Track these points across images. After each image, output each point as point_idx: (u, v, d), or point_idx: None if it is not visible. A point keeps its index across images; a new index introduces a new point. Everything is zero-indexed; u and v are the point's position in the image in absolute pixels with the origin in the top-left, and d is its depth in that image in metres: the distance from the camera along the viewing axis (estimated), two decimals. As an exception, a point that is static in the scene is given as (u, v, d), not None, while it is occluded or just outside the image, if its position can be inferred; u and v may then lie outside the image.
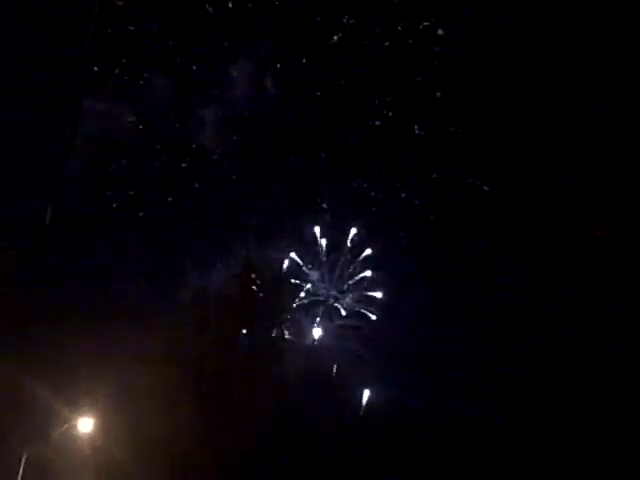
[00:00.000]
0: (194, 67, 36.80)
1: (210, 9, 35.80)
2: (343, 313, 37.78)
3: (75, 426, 28.49)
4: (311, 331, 37.05)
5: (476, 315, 35.49)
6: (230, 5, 36.46)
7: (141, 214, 35.29)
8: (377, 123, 38.02)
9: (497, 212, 36.91)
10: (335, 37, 37.65)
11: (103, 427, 28.89)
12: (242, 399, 31.83)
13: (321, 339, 37.14)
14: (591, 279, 35.64)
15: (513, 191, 36.77)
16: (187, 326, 32.58)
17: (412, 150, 37.84)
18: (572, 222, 36.61)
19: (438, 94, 37.32)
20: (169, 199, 35.87)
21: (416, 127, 37.83)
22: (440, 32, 36.45)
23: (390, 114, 38.03)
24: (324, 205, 37.45)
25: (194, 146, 36.40)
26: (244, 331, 34.96)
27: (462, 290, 35.56)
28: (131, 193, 35.21)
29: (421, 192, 37.36)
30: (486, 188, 36.99)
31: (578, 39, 34.84)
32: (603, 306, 35.72)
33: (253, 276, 35.91)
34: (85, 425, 28.67)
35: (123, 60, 34.09)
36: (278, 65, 37.76)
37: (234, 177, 36.97)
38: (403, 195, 37.53)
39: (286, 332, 35.84)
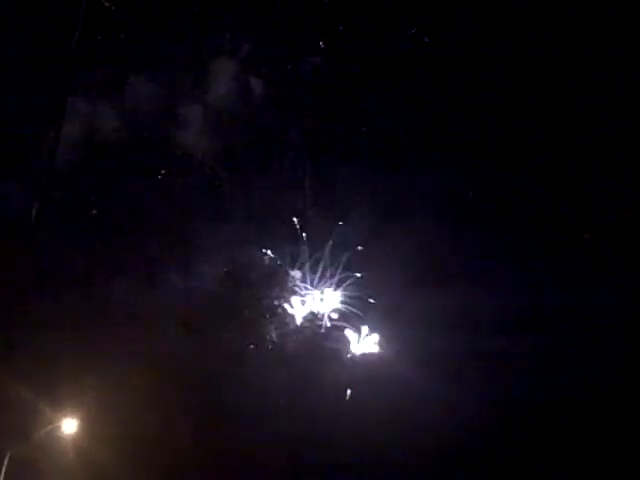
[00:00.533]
0: (177, 68, 36.73)
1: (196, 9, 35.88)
2: (325, 313, 37.71)
3: (59, 427, 28.45)
4: (295, 331, 36.93)
5: (467, 318, 35.45)
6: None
7: (123, 214, 35.08)
8: (364, 126, 38.11)
9: (483, 216, 37.01)
10: (321, 43, 37.80)
11: (88, 428, 28.85)
12: (230, 398, 31.73)
13: (306, 339, 37.08)
14: (580, 282, 35.66)
15: (499, 195, 36.88)
16: (174, 325, 32.61)
17: (398, 154, 37.96)
18: (560, 224, 36.65)
19: (425, 100, 37.45)
20: (150, 199, 35.76)
21: (401, 133, 37.97)
22: (426, 39, 36.64)
23: (376, 117, 38.14)
24: (308, 207, 37.51)
25: (177, 145, 36.31)
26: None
27: (453, 293, 35.44)
28: (114, 193, 35.07)
29: (407, 195, 37.43)
30: (470, 194, 37.10)
31: (562, 45, 34.98)
32: (592, 308, 35.72)
33: (240, 275, 35.82)
34: (69, 426, 28.62)
35: (105, 62, 33.97)
36: (263, 67, 37.78)
37: (217, 177, 36.94)
38: (390, 197, 37.65)
39: (272, 333, 35.75)
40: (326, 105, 38.66)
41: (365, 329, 37.46)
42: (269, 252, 37.05)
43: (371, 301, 38.00)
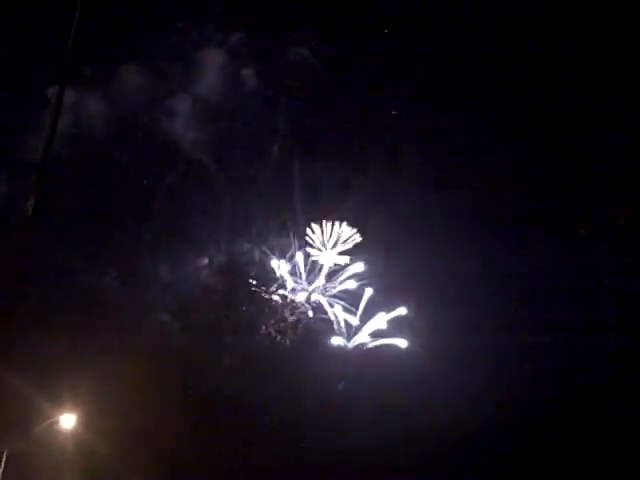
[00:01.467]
0: (166, 59, 36.50)
1: None
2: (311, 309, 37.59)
3: (57, 422, 28.25)
4: (292, 324, 36.77)
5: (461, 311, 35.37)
6: None
7: (111, 206, 34.62)
8: (352, 116, 37.88)
9: (479, 211, 36.96)
10: (314, 44, 37.58)
11: (86, 423, 28.65)
12: (228, 392, 31.63)
13: (304, 332, 36.95)
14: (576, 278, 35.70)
15: (497, 192, 36.83)
16: (173, 320, 32.37)
17: (386, 143, 37.79)
18: (557, 221, 36.68)
19: (413, 89, 37.35)
20: (138, 191, 35.30)
21: (389, 122, 37.66)
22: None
23: (366, 107, 37.92)
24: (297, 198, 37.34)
25: (165, 136, 35.90)
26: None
27: (447, 291, 35.40)
28: (101, 185, 34.54)
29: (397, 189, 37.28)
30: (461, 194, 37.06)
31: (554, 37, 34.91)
32: (589, 304, 35.77)
33: (236, 270, 35.55)
34: (67, 421, 28.42)
35: (93, 53, 33.38)
36: (251, 57, 37.42)
37: (206, 168, 36.58)
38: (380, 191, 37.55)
39: (270, 328, 35.57)
40: (314, 95, 38.38)
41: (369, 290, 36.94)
42: (260, 245, 36.85)
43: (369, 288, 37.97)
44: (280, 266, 37.23)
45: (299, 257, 37.66)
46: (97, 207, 34.63)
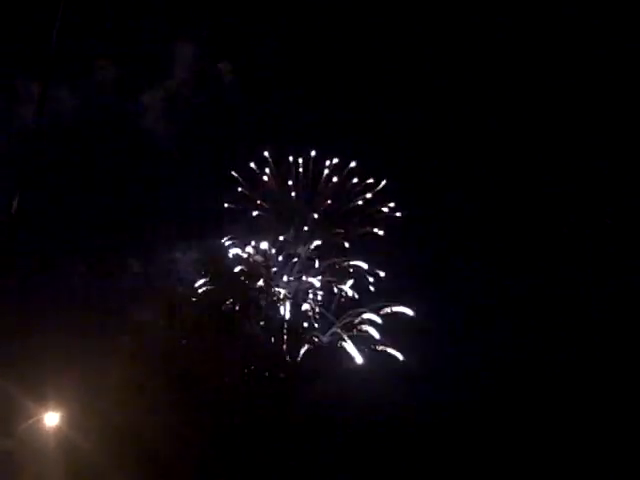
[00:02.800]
0: (140, 52, 37.72)
1: None
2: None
3: (41, 420, 28.26)
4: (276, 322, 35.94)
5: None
6: None
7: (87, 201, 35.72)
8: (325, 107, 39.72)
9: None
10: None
11: (70, 421, 28.41)
12: (210, 390, 30.52)
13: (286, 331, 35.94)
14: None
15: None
16: (158, 319, 32.47)
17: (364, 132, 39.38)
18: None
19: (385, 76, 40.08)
20: (111, 186, 36.39)
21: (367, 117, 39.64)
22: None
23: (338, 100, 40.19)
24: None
25: (138, 130, 37.53)
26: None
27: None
28: (73, 179, 35.48)
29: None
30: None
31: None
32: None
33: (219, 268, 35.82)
34: (51, 419, 28.42)
35: (67, 47, 36.56)
36: (223, 51, 39.70)
37: (178, 162, 37.78)
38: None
39: (254, 326, 35.03)
40: (281, 88, 39.88)
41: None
42: (235, 242, 37.49)
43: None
44: (250, 252, 37.43)
45: (264, 245, 37.93)
46: (68, 202, 35.03)
